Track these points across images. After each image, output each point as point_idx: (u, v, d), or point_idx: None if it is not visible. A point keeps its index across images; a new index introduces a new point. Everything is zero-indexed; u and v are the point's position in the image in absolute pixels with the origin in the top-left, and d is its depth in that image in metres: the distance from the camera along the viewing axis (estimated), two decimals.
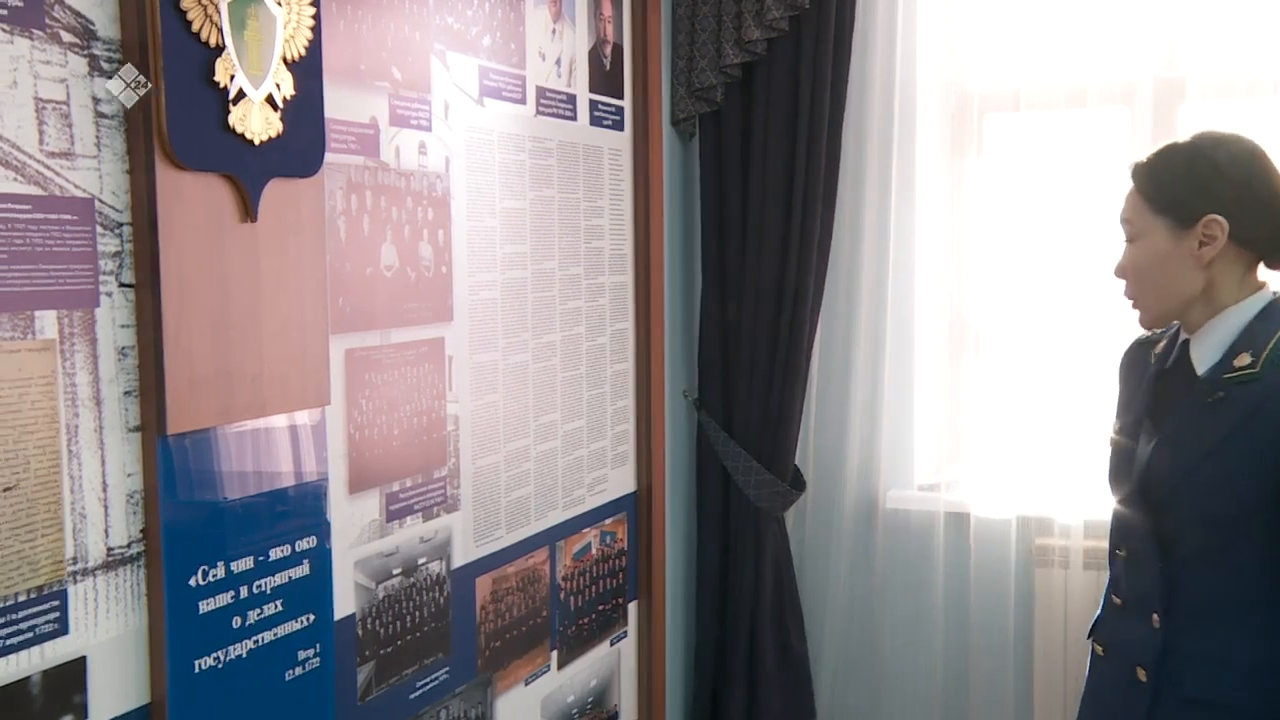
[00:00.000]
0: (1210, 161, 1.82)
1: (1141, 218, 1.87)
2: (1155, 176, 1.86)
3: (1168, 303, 1.88)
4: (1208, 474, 1.78)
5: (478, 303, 2.52)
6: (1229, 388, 1.79)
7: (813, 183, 3.25)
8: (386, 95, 2.23)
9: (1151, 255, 1.86)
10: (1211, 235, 1.81)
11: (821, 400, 3.50)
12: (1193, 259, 1.83)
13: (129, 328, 1.73)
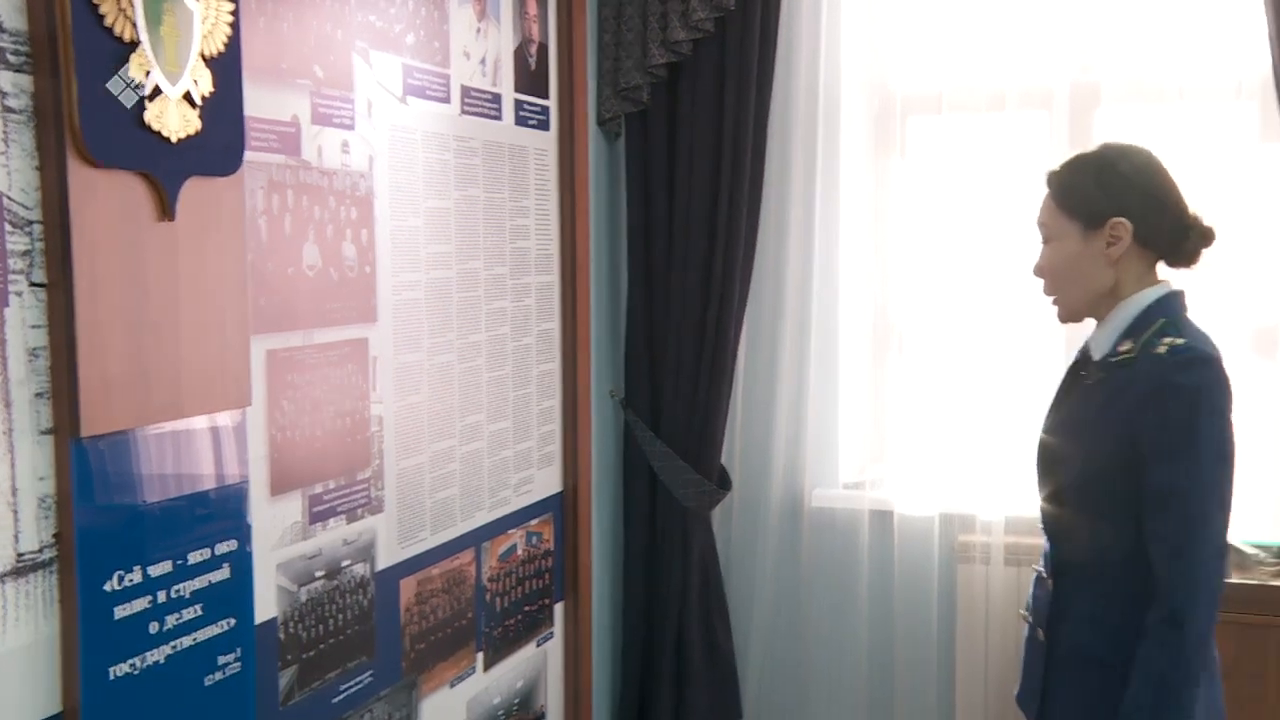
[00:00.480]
0: (1116, 169, 2.03)
1: (1055, 220, 2.06)
2: (1067, 183, 2.06)
3: (1082, 298, 2.07)
4: (1084, 447, 2.00)
5: (402, 303, 2.51)
6: (1110, 370, 2.00)
7: (738, 183, 3.28)
8: (308, 93, 2.21)
9: (1065, 255, 2.05)
10: (1118, 236, 2.01)
11: (748, 400, 3.53)
12: (1102, 258, 2.02)
13: (40, 328, 1.69)
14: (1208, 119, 3.13)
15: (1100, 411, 2.00)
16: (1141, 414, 1.93)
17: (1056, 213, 2.05)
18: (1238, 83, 3.07)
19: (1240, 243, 3.13)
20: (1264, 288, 3.15)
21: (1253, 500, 3.16)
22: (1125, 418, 1.95)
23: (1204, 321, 2.09)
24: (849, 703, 3.50)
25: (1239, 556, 2.90)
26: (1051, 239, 2.07)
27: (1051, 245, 2.07)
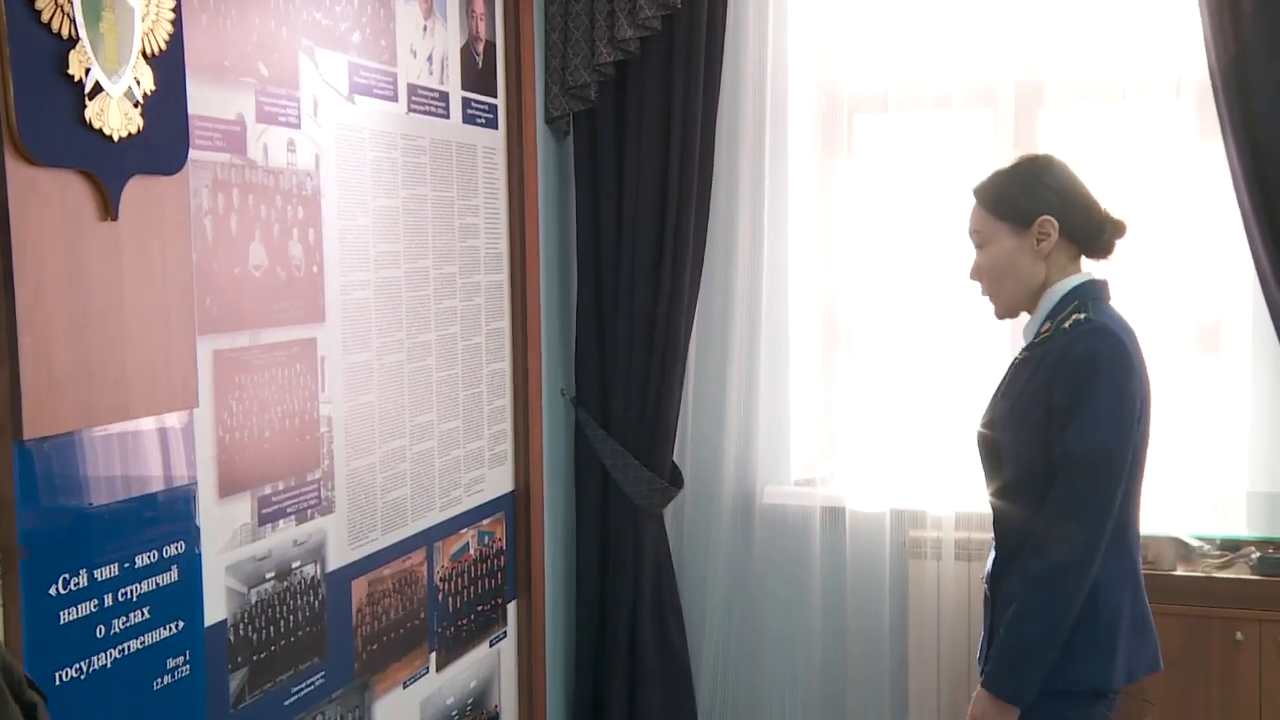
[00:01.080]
0: (1038, 175, 2.27)
1: (988, 226, 2.28)
2: (996, 191, 2.28)
3: (1018, 294, 2.28)
4: (1013, 418, 2.21)
5: (350, 302, 2.51)
6: (1033, 350, 2.22)
7: (687, 180, 3.30)
8: (253, 92, 2.21)
9: (1000, 255, 2.27)
10: (1046, 232, 2.23)
11: (699, 398, 3.55)
12: (1033, 253, 2.24)
13: None
14: (1148, 118, 3.20)
15: (1025, 386, 2.20)
16: (1050, 383, 2.14)
17: (989, 219, 2.27)
18: (1176, 82, 3.14)
19: (1179, 240, 3.20)
20: (1203, 284, 3.21)
21: (1196, 494, 3.23)
22: (1042, 389, 2.16)
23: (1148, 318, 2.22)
24: (803, 698, 3.53)
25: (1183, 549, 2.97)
26: (986, 243, 2.28)
27: (986, 249, 2.29)
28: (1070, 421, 2.10)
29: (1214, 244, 3.18)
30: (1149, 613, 2.25)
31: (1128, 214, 3.16)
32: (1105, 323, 2.15)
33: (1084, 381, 2.10)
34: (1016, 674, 2.14)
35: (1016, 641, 2.14)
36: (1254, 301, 3.08)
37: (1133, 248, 3.20)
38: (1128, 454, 2.12)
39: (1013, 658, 2.15)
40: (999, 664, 2.16)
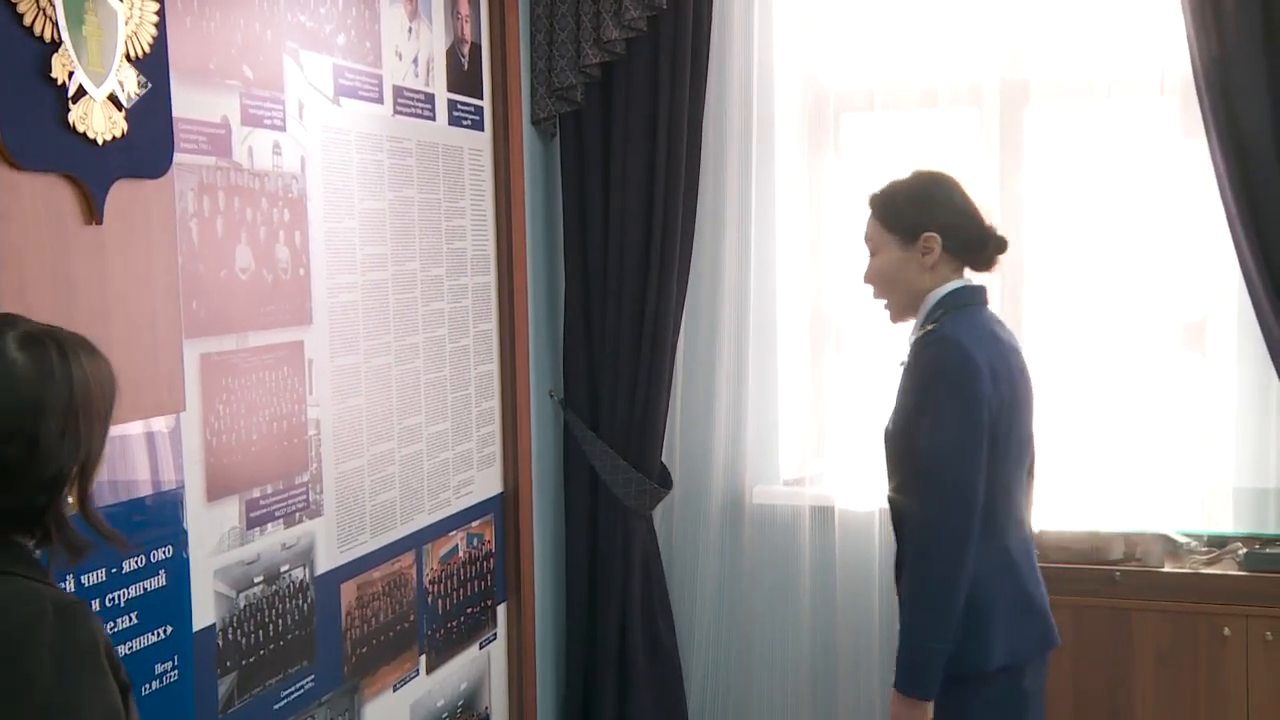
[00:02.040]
0: (926, 192, 2.40)
1: (879, 236, 2.41)
2: (887, 205, 2.41)
3: (905, 300, 2.41)
4: (895, 422, 2.35)
5: (338, 305, 2.50)
6: (910, 356, 2.36)
7: (673, 181, 3.31)
8: (238, 94, 2.20)
9: (888, 265, 2.40)
10: (929, 247, 2.36)
11: (687, 398, 3.55)
12: (918, 265, 2.37)
13: None
14: (1133, 115, 3.21)
15: (900, 391, 2.36)
16: (908, 390, 2.31)
17: (880, 229, 2.40)
18: (1160, 80, 3.15)
19: (1164, 238, 3.21)
20: (1189, 282, 3.23)
21: (1183, 490, 3.25)
22: (904, 393, 2.33)
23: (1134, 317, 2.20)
24: (794, 697, 3.54)
25: (1171, 545, 2.98)
26: (877, 252, 2.42)
27: (877, 257, 2.42)
28: (920, 426, 2.25)
29: (1199, 241, 3.19)
30: (1035, 594, 2.36)
31: (1114, 211, 3.24)
32: (949, 333, 2.28)
33: (928, 388, 2.26)
34: (917, 672, 2.26)
35: (909, 641, 2.27)
36: (1239, 298, 3.10)
37: (1118, 246, 3.25)
38: (979, 451, 2.22)
39: (909, 655, 2.27)
40: (900, 665, 2.29)
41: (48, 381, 1.30)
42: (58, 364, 1.32)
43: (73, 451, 1.33)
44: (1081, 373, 3.32)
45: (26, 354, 1.30)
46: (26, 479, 1.30)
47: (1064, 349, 3.34)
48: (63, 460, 1.32)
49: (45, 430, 1.29)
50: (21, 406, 1.29)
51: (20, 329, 1.33)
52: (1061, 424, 3.34)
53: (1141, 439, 3.27)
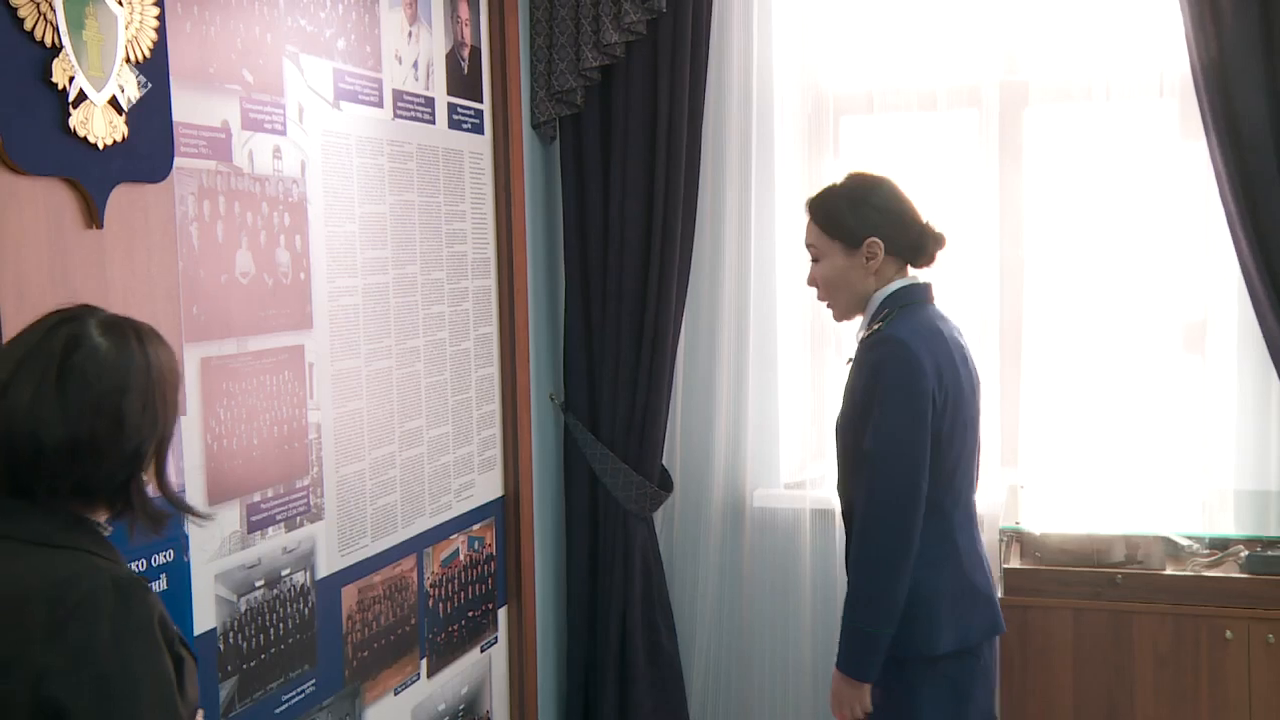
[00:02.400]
0: (866, 200, 2.46)
1: (822, 242, 2.48)
2: (828, 212, 2.47)
3: (850, 302, 2.49)
4: (844, 414, 2.44)
5: (338, 309, 2.51)
6: (858, 351, 2.43)
7: (673, 184, 3.31)
8: (238, 98, 2.21)
9: (833, 270, 2.47)
10: (873, 252, 2.44)
11: (687, 401, 3.55)
12: (863, 269, 2.45)
13: None
14: (1132, 117, 3.21)
15: (851, 386, 2.43)
16: (857, 387, 2.38)
17: (822, 236, 2.47)
18: (1159, 81, 3.15)
19: (1164, 240, 3.21)
20: (1189, 284, 3.23)
21: (1184, 493, 3.25)
22: (854, 389, 2.40)
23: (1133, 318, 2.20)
24: (794, 700, 3.53)
25: (1172, 548, 2.98)
26: (821, 258, 2.49)
27: (821, 263, 2.49)
28: (868, 421, 2.34)
29: (1198, 243, 3.19)
30: (981, 583, 2.46)
31: (1113, 213, 3.24)
32: (893, 333, 2.35)
33: (873, 385, 2.34)
34: (857, 654, 2.36)
35: (851, 624, 2.37)
36: (1239, 300, 3.10)
37: (1118, 248, 3.25)
38: (923, 445, 2.32)
39: (850, 639, 2.37)
40: (843, 646, 2.38)
41: (130, 362, 1.44)
42: (137, 347, 1.46)
43: (151, 426, 1.46)
44: (1081, 375, 3.32)
45: (109, 338, 1.44)
46: (113, 452, 1.42)
47: (1064, 351, 3.34)
48: (143, 434, 1.45)
49: (129, 406, 1.43)
50: (109, 385, 1.42)
51: (99, 316, 1.47)
52: (1062, 426, 3.34)
53: (1142, 441, 3.27)
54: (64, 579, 1.37)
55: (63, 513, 1.42)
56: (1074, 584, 2.88)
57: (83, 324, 1.44)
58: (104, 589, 1.37)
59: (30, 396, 1.39)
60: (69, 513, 1.43)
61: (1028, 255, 3.35)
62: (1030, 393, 3.36)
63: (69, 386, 1.40)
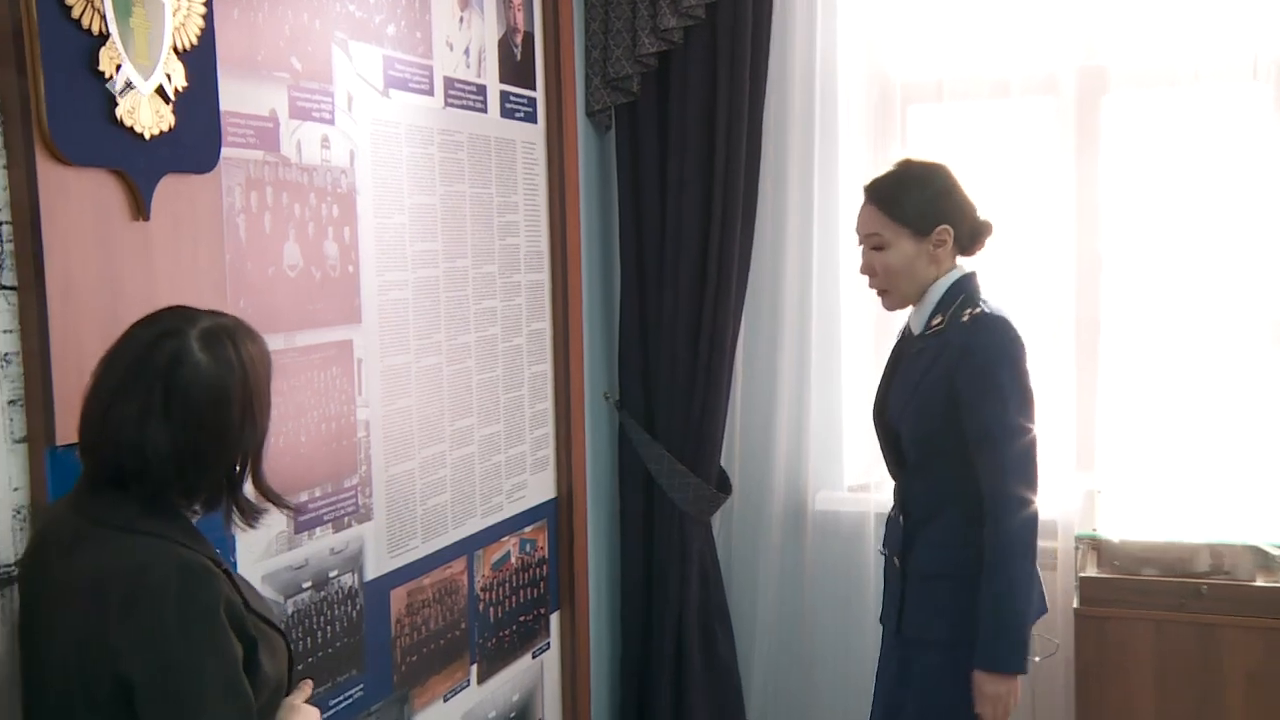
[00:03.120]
0: (934, 185, 2.51)
1: (888, 229, 2.50)
2: (896, 199, 2.49)
3: (912, 291, 2.53)
4: (916, 404, 2.49)
5: (388, 303, 2.51)
6: (927, 340, 2.50)
7: (733, 176, 3.28)
8: (286, 87, 2.21)
9: (900, 259, 2.50)
10: (942, 239, 2.49)
11: (747, 400, 3.53)
12: (929, 256, 2.50)
13: (12, 333, 1.69)
14: (1221, 102, 3.13)
15: (925, 374, 2.47)
16: (957, 372, 2.41)
17: (889, 224, 2.49)
18: (1253, 63, 3.06)
19: (1256, 231, 3.13)
20: (1277, 278, 3.14)
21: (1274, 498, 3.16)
22: (946, 376, 2.43)
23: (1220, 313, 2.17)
24: (859, 714, 3.49)
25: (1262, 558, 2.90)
26: (886, 246, 2.50)
27: (886, 251, 2.50)
28: (983, 405, 2.39)
29: None
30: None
31: (1198, 204, 3.16)
32: (998, 313, 2.45)
33: (990, 367, 2.40)
34: (1019, 645, 2.40)
35: (1009, 616, 2.39)
36: None
37: (1202, 240, 3.17)
38: (1034, 424, 2.42)
39: (1010, 632, 2.39)
40: (1002, 642, 2.39)
41: (229, 376, 1.55)
42: (233, 355, 1.56)
43: (251, 433, 1.59)
44: (1163, 373, 3.25)
45: (209, 353, 1.54)
46: (216, 461, 1.56)
47: (1143, 348, 3.27)
48: (244, 445, 1.58)
49: (230, 419, 1.55)
50: (211, 399, 1.53)
51: (199, 326, 1.56)
52: (1141, 427, 3.27)
53: (1228, 443, 3.19)
54: (139, 564, 1.48)
55: (154, 503, 1.54)
56: (1155, 595, 2.83)
57: (184, 339, 1.54)
58: (170, 574, 1.48)
59: (137, 413, 1.50)
60: (161, 502, 1.54)
61: (1105, 249, 3.29)
62: (1108, 392, 3.30)
63: (173, 404, 1.51)
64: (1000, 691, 2.40)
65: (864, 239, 2.55)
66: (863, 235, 2.55)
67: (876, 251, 2.52)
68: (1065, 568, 3.17)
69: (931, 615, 2.51)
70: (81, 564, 1.50)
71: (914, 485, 2.54)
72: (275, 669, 1.64)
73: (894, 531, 2.61)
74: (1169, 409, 3.24)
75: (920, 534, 2.53)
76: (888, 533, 2.68)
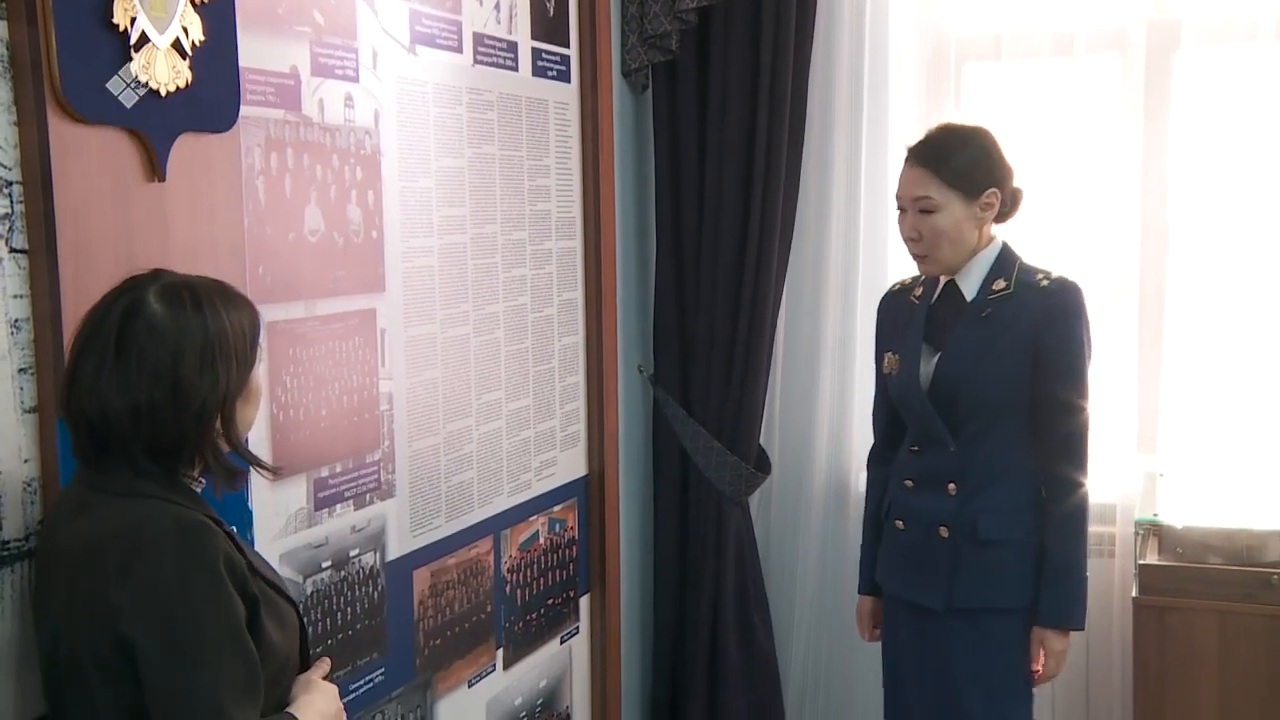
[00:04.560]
0: (983, 148, 2.58)
1: (940, 193, 2.55)
2: (949, 161, 2.55)
3: (957, 256, 2.59)
4: (985, 369, 2.55)
5: (412, 270, 2.50)
6: (994, 305, 2.58)
7: (776, 138, 3.26)
8: (308, 42, 2.20)
9: (950, 222, 2.56)
10: (990, 203, 2.57)
11: (787, 376, 3.51)
12: (975, 221, 2.58)
13: (22, 298, 1.70)
14: None
15: (1000, 336, 2.55)
16: (1040, 333, 2.52)
17: (940, 186, 2.55)
18: None
19: None
20: None
21: None
22: (1028, 337, 2.53)
23: None
24: None
25: None
26: (935, 209, 2.55)
27: (936, 215, 2.56)
28: (1069, 366, 2.52)
29: None
30: None
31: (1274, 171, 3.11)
32: (1068, 280, 2.57)
33: (1077, 331, 2.54)
34: (1083, 603, 2.57)
35: (1077, 574, 2.55)
36: None
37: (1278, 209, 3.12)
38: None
39: (1077, 590, 2.55)
40: (1071, 601, 2.55)
41: (184, 328, 1.56)
42: (192, 311, 1.58)
43: (212, 386, 1.58)
44: (1231, 351, 3.21)
45: (164, 304, 1.57)
46: (174, 415, 1.56)
47: (1211, 324, 3.23)
48: (204, 394, 1.57)
49: (184, 371, 1.55)
50: (165, 351, 1.55)
51: (161, 282, 1.59)
52: (1207, 408, 3.24)
53: None
54: (136, 522, 1.53)
55: (147, 467, 1.58)
56: (1221, 584, 2.80)
57: (141, 292, 1.57)
58: (168, 530, 1.53)
59: (93, 370, 1.54)
60: (154, 466, 1.58)
61: (1173, 218, 3.24)
62: (1172, 370, 3.27)
63: (127, 357, 1.54)
64: (1066, 648, 2.58)
65: (911, 202, 2.59)
66: (910, 199, 2.59)
67: (924, 215, 2.57)
68: (1124, 554, 3.15)
69: (999, 582, 2.59)
70: (82, 528, 1.55)
71: (972, 453, 2.59)
72: (284, 640, 1.67)
73: (933, 502, 2.63)
74: (1236, 388, 3.20)
75: (976, 502, 2.59)
76: (904, 503, 2.70)
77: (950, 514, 2.61)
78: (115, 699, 1.53)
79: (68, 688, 1.57)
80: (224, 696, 1.51)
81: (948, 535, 2.61)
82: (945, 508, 2.61)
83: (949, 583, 2.61)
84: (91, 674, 1.53)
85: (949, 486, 2.61)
